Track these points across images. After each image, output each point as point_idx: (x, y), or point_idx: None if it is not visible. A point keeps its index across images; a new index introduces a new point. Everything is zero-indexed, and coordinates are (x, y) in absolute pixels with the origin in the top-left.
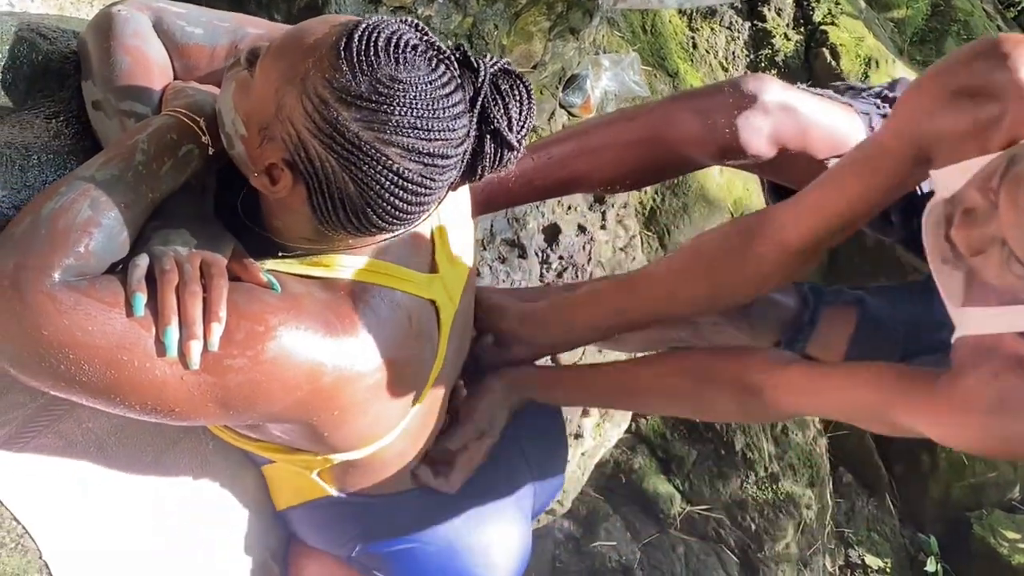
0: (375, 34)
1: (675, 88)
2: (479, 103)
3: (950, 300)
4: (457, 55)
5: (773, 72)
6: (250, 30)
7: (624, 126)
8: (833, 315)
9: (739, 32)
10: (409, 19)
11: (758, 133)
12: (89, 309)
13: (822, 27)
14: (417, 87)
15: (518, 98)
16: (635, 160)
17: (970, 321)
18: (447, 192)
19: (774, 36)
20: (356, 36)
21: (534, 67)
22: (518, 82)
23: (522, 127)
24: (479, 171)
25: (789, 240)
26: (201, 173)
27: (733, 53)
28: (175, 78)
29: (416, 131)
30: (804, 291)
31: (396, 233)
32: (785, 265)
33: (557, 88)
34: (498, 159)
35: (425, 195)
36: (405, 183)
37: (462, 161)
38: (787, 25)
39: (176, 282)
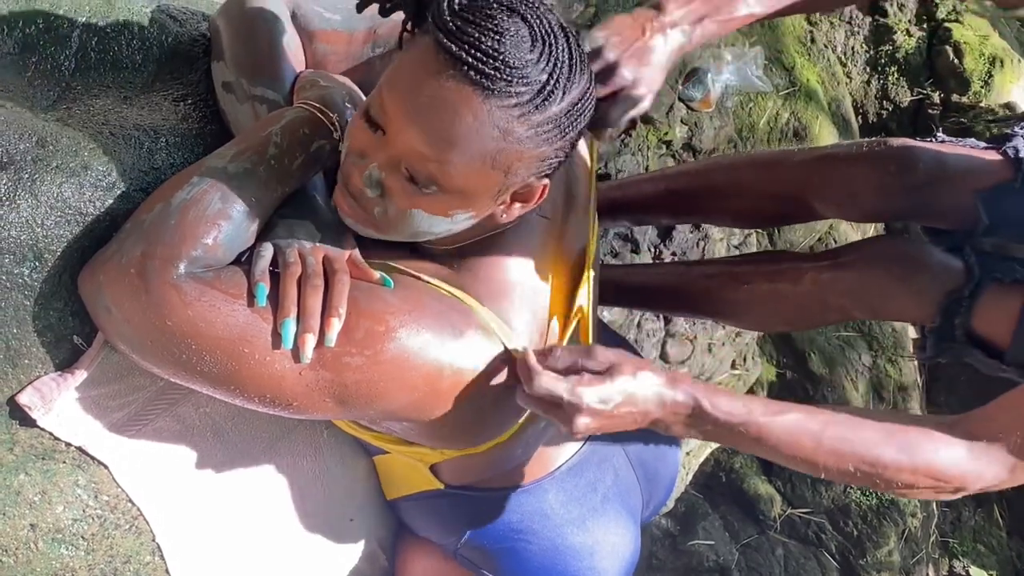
0: None
1: (791, 83)
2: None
3: None
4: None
5: (893, 69)
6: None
7: (761, 174)
8: (1001, 291)
9: (859, 27)
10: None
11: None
12: (213, 300)
13: (945, 24)
14: None
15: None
16: (771, 211)
17: None
18: None
19: (895, 32)
20: None
21: None
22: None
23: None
24: None
25: None
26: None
27: (852, 49)
28: (307, 66)
29: None
30: (971, 261)
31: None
32: None
33: (676, 81)
34: None
35: None
36: None
37: None
38: (909, 21)
39: (299, 274)
